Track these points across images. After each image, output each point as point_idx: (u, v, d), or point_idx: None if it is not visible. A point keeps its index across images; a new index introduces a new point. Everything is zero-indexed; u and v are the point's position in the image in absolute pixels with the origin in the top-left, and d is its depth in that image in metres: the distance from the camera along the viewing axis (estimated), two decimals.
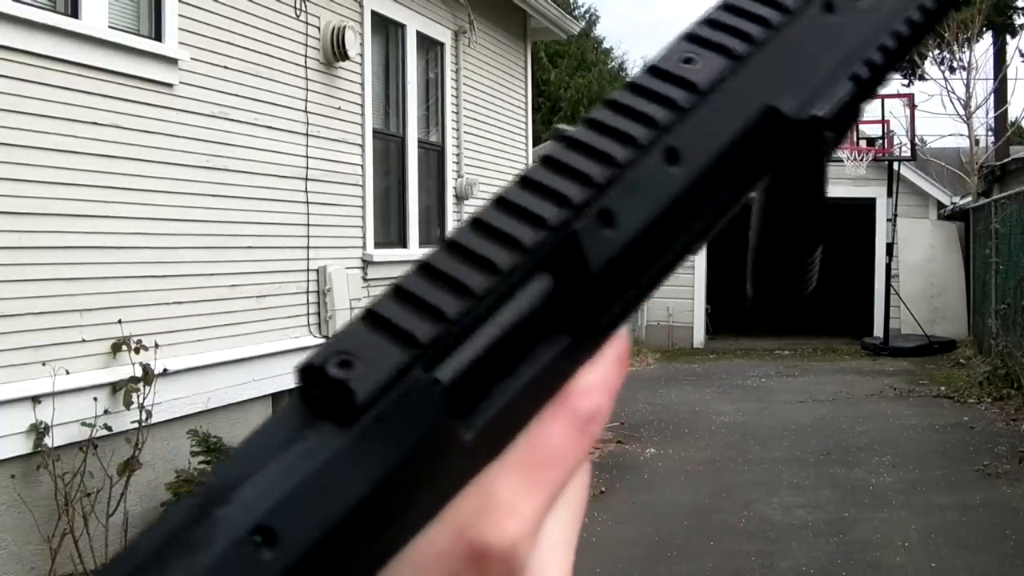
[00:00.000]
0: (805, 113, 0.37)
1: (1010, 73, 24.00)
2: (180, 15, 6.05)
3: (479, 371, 0.30)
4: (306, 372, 0.29)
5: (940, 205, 17.01)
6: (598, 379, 0.34)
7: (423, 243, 9.36)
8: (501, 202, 0.32)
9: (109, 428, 5.23)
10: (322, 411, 0.29)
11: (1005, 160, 16.26)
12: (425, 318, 0.29)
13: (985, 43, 23.52)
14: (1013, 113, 23.78)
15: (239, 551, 0.27)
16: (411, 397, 0.29)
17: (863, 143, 15.38)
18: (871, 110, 15.45)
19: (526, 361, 0.32)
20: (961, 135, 20.58)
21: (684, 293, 17.15)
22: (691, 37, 0.36)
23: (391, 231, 8.90)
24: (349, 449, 0.28)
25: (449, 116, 9.95)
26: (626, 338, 0.35)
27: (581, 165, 0.33)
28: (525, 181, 0.33)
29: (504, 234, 0.31)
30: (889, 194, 15.39)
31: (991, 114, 22.92)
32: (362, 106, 8.27)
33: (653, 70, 0.35)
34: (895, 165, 15.48)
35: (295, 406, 0.29)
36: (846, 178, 15.87)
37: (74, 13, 5.28)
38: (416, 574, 0.31)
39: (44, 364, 4.99)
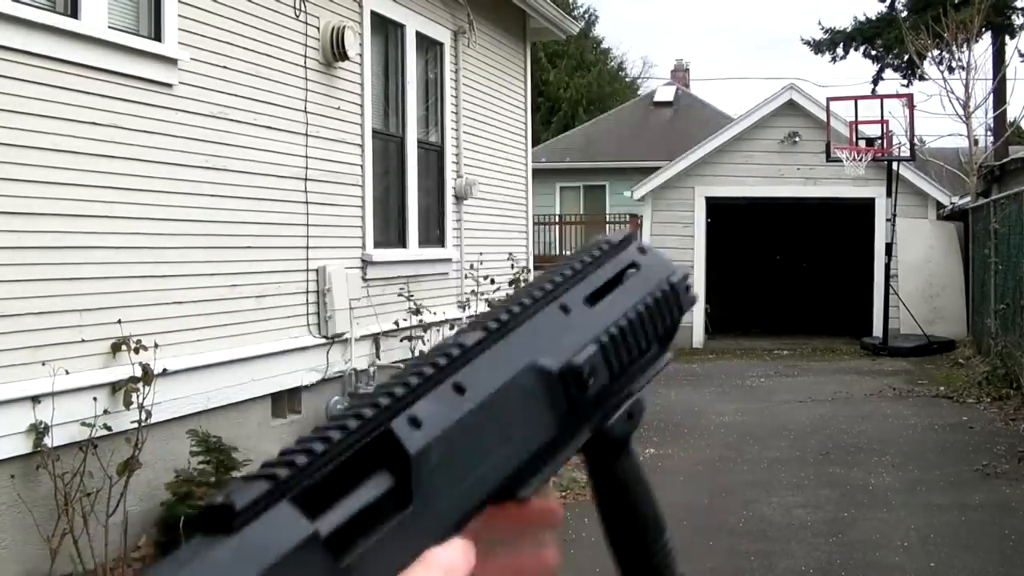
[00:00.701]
0: (563, 366, 0.50)
1: (1009, 73, 24.03)
2: (180, 15, 6.05)
3: (347, 521, 0.41)
4: (205, 513, 0.39)
5: (939, 205, 17.01)
6: (445, 557, 0.42)
7: (422, 243, 9.37)
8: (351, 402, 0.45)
9: (109, 428, 5.23)
10: (214, 528, 0.38)
11: (1004, 160, 16.27)
12: (282, 467, 0.40)
13: (984, 43, 23.55)
14: (1012, 113, 23.80)
15: None
16: (280, 512, 0.39)
17: (862, 143, 15.39)
18: (871, 110, 15.46)
19: (380, 522, 0.42)
20: (960, 135, 20.60)
21: None
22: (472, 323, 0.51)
23: (390, 231, 8.90)
24: (233, 549, 0.38)
25: (449, 116, 9.95)
26: (464, 546, 0.43)
27: (388, 389, 0.45)
28: (356, 396, 0.46)
29: (339, 425, 0.43)
30: (888, 194, 15.40)
31: (990, 114, 22.94)
32: (362, 106, 8.27)
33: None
34: (894, 165, 15.48)
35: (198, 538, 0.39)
36: (845, 178, 15.87)
37: (74, 13, 5.28)
38: None
39: (44, 364, 5.00)
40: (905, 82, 26.51)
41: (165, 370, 5.63)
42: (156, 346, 5.58)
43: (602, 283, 0.56)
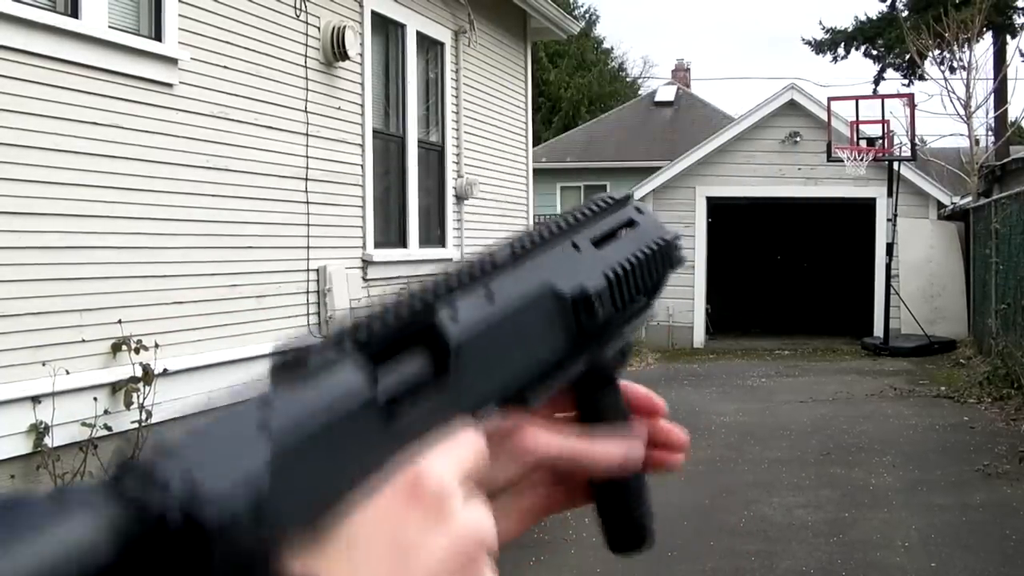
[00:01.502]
0: (576, 291, 0.57)
1: (1010, 73, 24.02)
2: (180, 15, 6.05)
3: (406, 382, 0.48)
4: (280, 363, 0.47)
5: (940, 205, 17.01)
6: (472, 437, 0.49)
7: (423, 243, 9.36)
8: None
9: (109, 428, 5.23)
10: (287, 376, 0.45)
11: (1005, 160, 16.26)
12: (346, 336, 0.48)
13: (985, 43, 23.54)
14: (1013, 113, 23.80)
15: None
16: (345, 374, 0.46)
17: (863, 143, 15.38)
18: (872, 110, 15.46)
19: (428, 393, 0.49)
20: (961, 135, 20.60)
21: (684, 293, 17.15)
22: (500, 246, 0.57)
23: (391, 231, 8.90)
24: (306, 395, 0.44)
25: (449, 116, 9.95)
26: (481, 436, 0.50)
27: (433, 287, 0.52)
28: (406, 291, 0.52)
29: (394, 311, 0.50)
30: (889, 194, 15.39)
31: (991, 114, 22.93)
32: (362, 106, 8.27)
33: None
34: (895, 165, 15.47)
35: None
36: (846, 178, 15.87)
37: (74, 13, 5.28)
38: (366, 513, 0.44)
39: (44, 364, 4.99)
40: (906, 82, 26.52)
41: (166, 370, 5.63)
42: (156, 346, 5.58)
43: (606, 230, 0.63)
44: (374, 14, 8.46)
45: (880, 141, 15.38)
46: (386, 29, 8.88)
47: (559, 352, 0.57)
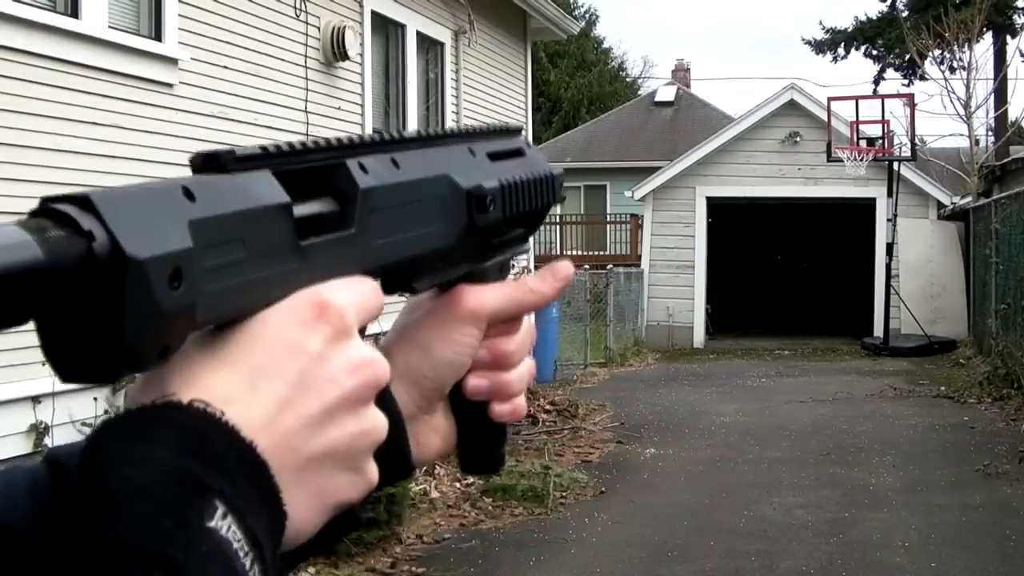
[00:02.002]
0: (473, 186, 0.59)
1: (1010, 73, 24.02)
2: (180, 15, 6.05)
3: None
4: (206, 158, 0.48)
5: (940, 205, 17.01)
6: (371, 284, 0.51)
7: None
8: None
9: None
10: (212, 170, 0.47)
11: (1005, 160, 16.27)
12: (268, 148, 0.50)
13: (985, 43, 23.54)
14: (1013, 113, 23.81)
15: None
16: (267, 177, 0.48)
17: (863, 143, 15.38)
18: (872, 110, 15.46)
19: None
20: (961, 135, 20.60)
21: (684, 293, 17.15)
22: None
23: None
24: (229, 183, 0.46)
25: (449, 116, 9.95)
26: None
27: (342, 140, 0.53)
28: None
29: (306, 143, 0.51)
30: (889, 194, 15.39)
31: (991, 114, 22.93)
32: (362, 106, 8.27)
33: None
34: (895, 165, 15.47)
35: None
36: (846, 178, 15.87)
37: (74, 13, 5.27)
38: (271, 319, 0.46)
39: (44, 364, 4.97)
40: (906, 82, 26.52)
41: None
42: None
43: (499, 150, 0.65)
44: (374, 14, 8.46)
45: (880, 141, 15.38)
46: (386, 29, 8.87)
47: (449, 240, 0.58)
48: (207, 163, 0.47)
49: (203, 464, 0.41)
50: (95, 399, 5.24)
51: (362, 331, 0.51)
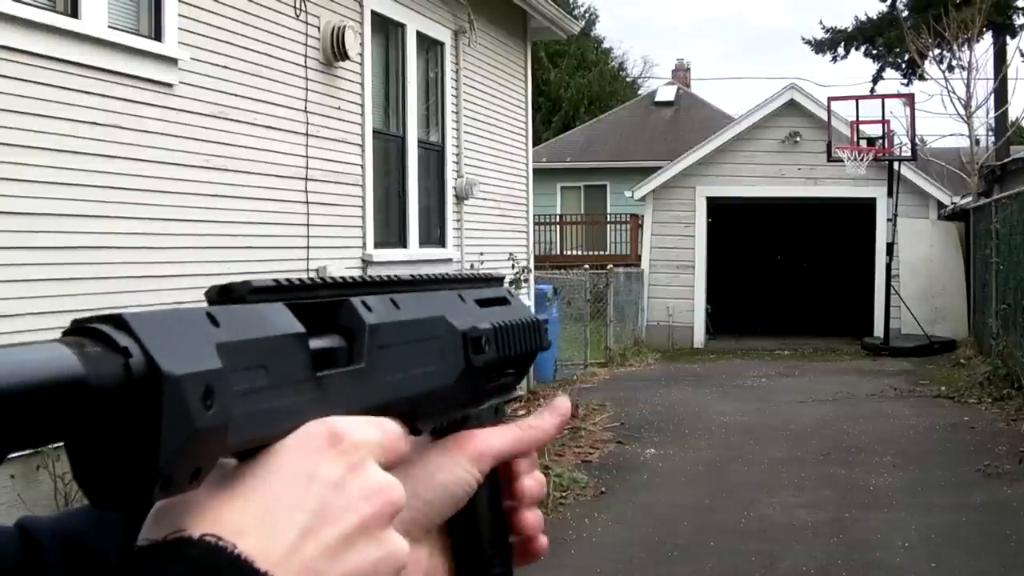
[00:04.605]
0: (468, 327, 0.61)
1: (1010, 73, 24.00)
2: (180, 15, 6.05)
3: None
4: (223, 289, 0.49)
5: (940, 205, 17.00)
6: (391, 424, 0.51)
7: (423, 243, 9.36)
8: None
9: None
10: (230, 300, 0.49)
11: (1005, 160, 16.26)
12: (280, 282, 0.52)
13: (985, 43, 23.52)
14: (1013, 113, 23.78)
15: None
16: (281, 309, 0.49)
17: (863, 143, 15.38)
18: (872, 110, 15.46)
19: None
20: (961, 135, 20.59)
21: (684, 293, 17.15)
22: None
23: (391, 231, 8.89)
24: (247, 312, 0.48)
25: (449, 116, 9.95)
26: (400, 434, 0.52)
27: (343, 279, 0.55)
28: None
29: (312, 280, 0.53)
30: (889, 194, 15.39)
31: (991, 114, 22.92)
32: (362, 106, 8.27)
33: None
34: (895, 165, 15.47)
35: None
36: (846, 178, 15.87)
37: (74, 13, 5.27)
38: (288, 449, 0.47)
39: None
40: (906, 82, 26.51)
41: None
42: None
43: (487, 297, 0.67)
44: (374, 14, 8.45)
45: (880, 141, 15.38)
46: (386, 29, 8.87)
47: (448, 381, 0.59)
48: (222, 295, 0.48)
49: None
50: None
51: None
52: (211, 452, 0.43)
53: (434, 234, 9.69)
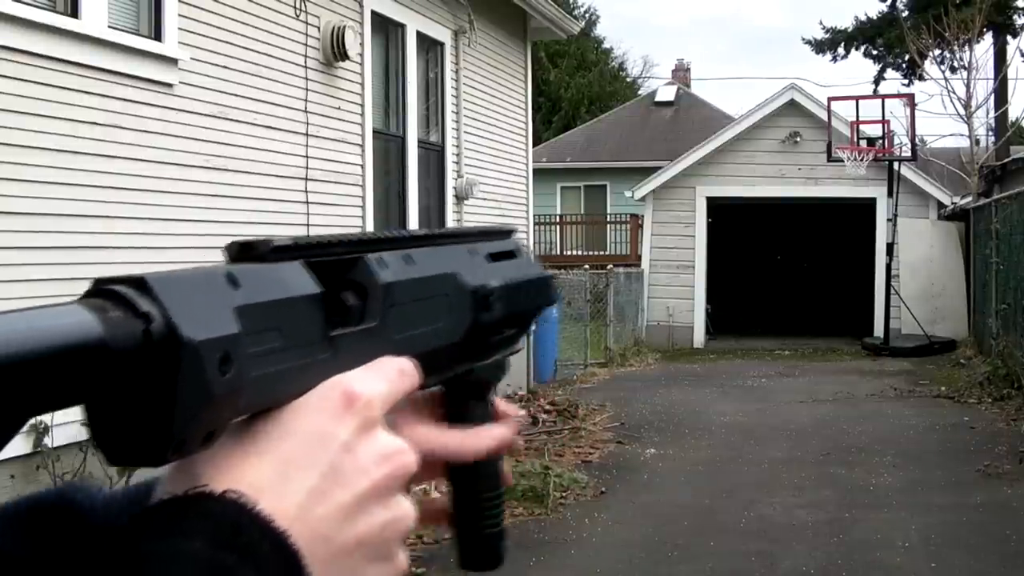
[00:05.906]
0: (477, 285, 0.61)
1: (1010, 73, 24.03)
2: (180, 15, 6.05)
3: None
4: (243, 247, 0.51)
5: (940, 205, 17.00)
6: (400, 361, 0.53)
7: None
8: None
9: None
10: (249, 259, 0.50)
11: (1005, 160, 16.27)
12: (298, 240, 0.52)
13: (986, 43, 23.52)
14: (1013, 113, 23.80)
15: None
16: (299, 268, 0.50)
17: (863, 143, 15.38)
18: (872, 110, 15.46)
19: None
20: (961, 135, 20.59)
21: (684, 293, 17.15)
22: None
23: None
24: (267, 270, 0.49)
25: (449, 116, 9.95)
26: (412, 367, 0.53)
27: (358, 237, 0.56)
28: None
29: (329, 238, 0.53)
30: (889, 194, 15.39)
31: (991, 114, 22.92)
32: (362, 106, 8.27)
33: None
34: (895, 165, 15.47)
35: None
36: (846, 178, 15.87)
37: (74, 13, 5.27)
38: (303, 409, 0.47)
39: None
40: (906, 82, 26.51)
41: None
42: None
43: (495, 251, 0.67)
44: (374, 14, 8.45)
45: (880, 141, 15.38)
46: (386, 29, 8.87)
47: (456, 337, 0.60)
48: (243, 252, 0.49)
49: (239, 555, 0.42)
50: None
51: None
52: (225, 416, 0.44)
53: None
